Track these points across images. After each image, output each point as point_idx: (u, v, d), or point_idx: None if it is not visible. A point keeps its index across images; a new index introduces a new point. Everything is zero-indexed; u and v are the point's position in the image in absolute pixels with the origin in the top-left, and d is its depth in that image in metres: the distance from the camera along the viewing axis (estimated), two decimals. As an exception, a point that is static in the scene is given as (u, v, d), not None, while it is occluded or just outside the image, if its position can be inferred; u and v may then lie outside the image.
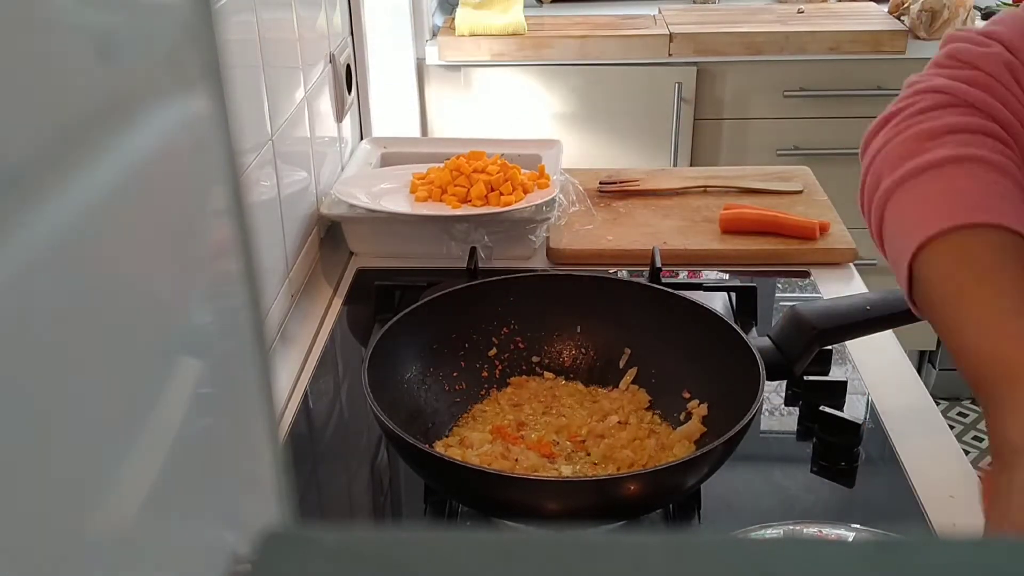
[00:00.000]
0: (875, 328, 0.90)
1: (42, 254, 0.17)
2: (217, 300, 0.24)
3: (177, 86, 0.21)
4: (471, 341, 0.92)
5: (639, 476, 0.73)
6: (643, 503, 0.74)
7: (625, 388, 0.91)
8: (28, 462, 0.16)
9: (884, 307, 0.88)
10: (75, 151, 0.18)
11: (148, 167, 0.20)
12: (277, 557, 0.23)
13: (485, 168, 1.23)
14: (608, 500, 0.71)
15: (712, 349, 0.85)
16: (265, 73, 1.03)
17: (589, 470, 0.81)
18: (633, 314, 0.92)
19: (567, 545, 0.23)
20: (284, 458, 0.27)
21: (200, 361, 0.23)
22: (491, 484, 0.71)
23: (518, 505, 0.72)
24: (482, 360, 0.92)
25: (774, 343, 0.89)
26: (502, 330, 0.94)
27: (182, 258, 0.22)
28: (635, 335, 0.92)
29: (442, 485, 0.77)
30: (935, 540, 0.26)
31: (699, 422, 0.83)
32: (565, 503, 0.71)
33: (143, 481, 0.20)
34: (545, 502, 0.72)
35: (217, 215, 0.24)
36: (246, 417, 0.26)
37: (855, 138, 2.17)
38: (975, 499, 0.83)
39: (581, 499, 0.71)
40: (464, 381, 0.91)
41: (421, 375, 0.88)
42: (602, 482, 0.73)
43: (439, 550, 0.23)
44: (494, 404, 0.90)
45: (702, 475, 0.74)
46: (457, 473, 0.71)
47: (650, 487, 0.71)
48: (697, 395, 0.86)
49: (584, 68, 2.17)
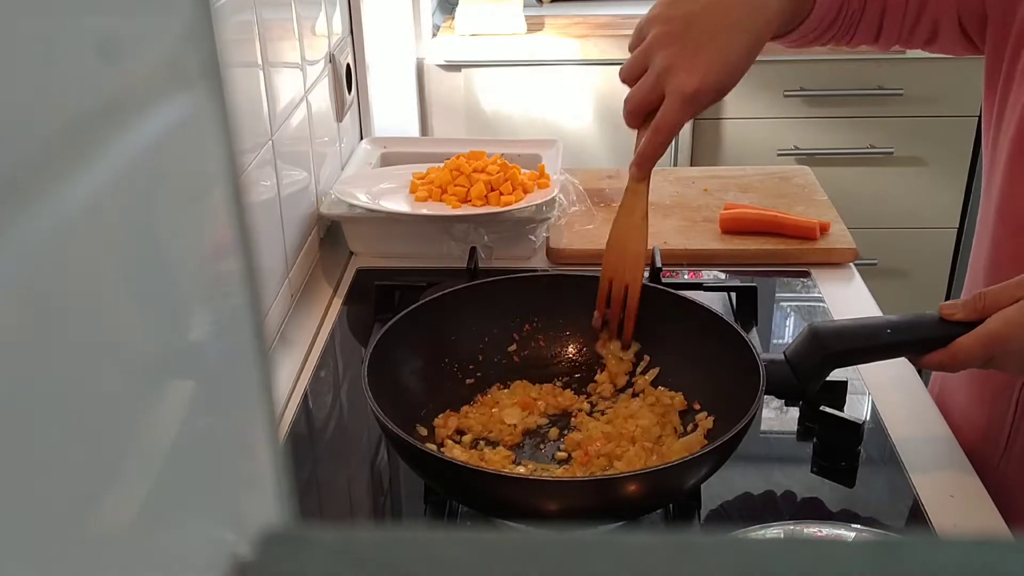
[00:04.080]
0: (893, 353, 0.84)
1: (42, 254, 0.17)
2: (217, 300, 0.24)
3: (177, 86, 0.21)
4: (476, 342, 0.92)
5: (637, 476, 0.73)
6: (641, 503, 0.74)
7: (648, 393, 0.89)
8: (28, 462, 0.16)
9: (906, 332, 0.82)
10: (74, 151, 0.18)
11: (148, 167, 0.20)
12: (277, 557, 0.23)
13: (485, 168, 1.23)
14: (606, 500, 0.71)
15: (721, 358, 0.85)
16: (265, 73, 1.03)
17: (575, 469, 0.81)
18: (646, 317, 0.90)
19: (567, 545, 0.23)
20: (284, 458, 0.27)
21: (200, 361, 0.23)
22: (489, 484, 0.71)
23: (517, 505, 0.72)
24: (487, 361, 0.92)
25: (788, 360, 0.84)
26: (511, 331, 0.93)
27: (182, 258, 0.22)
28: (651, 342, 0.91)
29: (441, 485, 0.77)
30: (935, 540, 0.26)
31: (702, 435, 0.82)
32: (564, 503, 0.71)
33: (143, 481, 0.20)
34: (544, 502, 0.72)
35: (217, 215, 0.24)
36: (246, 417, 0.26)
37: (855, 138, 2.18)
38: (975, 499, 0.83)
39: (579, 499, 0.71)
40: (470, 379, 0.91)
41: (422, 375, 0.88)
42: (601, 482, 0.73)
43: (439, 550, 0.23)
44: (495, 405, 0.89)
45: (698, 477, 0.74)
46: (456, 473, 0.71)
47: (648, 487, 0.71)
48: (707, 407, 0.85)
49: (584, 68, 2.17)
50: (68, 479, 0.18)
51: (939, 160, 2.26)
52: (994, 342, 0.75)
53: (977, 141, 2.24)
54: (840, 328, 0.85)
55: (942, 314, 0.79)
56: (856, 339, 0.84)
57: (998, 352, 0.76)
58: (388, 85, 1.78)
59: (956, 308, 0.78)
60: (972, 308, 0.77)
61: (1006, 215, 0.90)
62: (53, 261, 0.17)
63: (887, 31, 0.94)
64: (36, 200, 0.16)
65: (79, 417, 0.18)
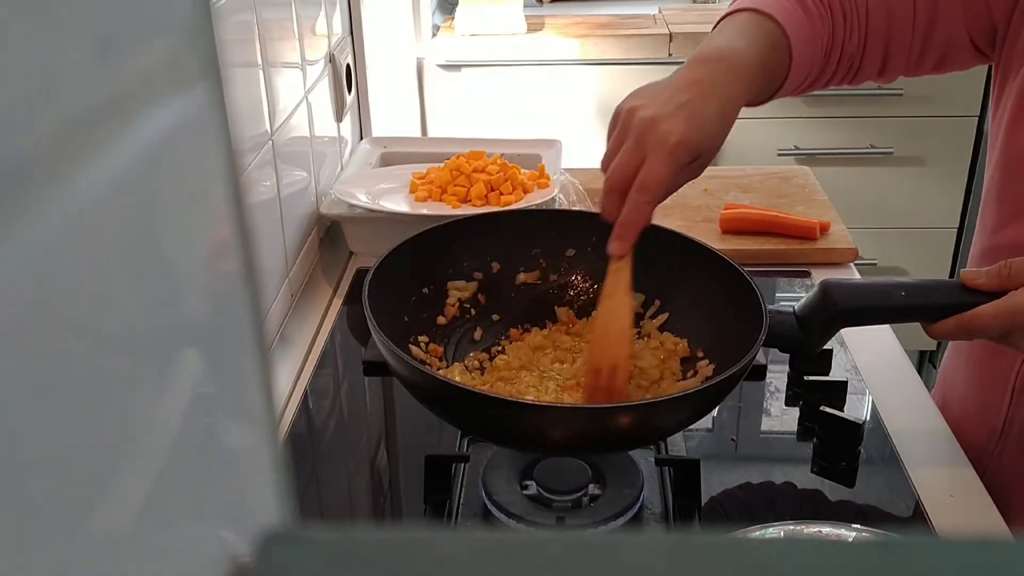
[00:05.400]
0: (905, 317, 0.81)
1: (41, 254, 0.17)
2: (217, 300, 0.24)
3: (177, 86, 0.21)
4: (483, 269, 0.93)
5: (625, 408, 0.73)
6: (626, 436, 0.74)
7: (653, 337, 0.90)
8: (27, 462, 0.16)
9: (921, 295, 0.79)
10: (74, 151, 0.18)
11: (147, 167, 0.20)
12: (277, 557, 0.23)
13: (485, 168, 1.23)
14: (594, 429, 0.72)
15: (728, 307, 0.84)
16: (265, 73, 1.03)
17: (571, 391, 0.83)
18: (660, 262, 0.89)
19: (567, 545, 0.23)
20: (284, 458, 0.27)
21: (200, 361, 0.23)
22: (481, 405, 0.71)
23: (505, 426, 0.73)
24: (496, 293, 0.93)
25: (796, 314, 0.82)
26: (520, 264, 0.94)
27: (182, 258, 0.22)
28: (663, 287, 0.90)
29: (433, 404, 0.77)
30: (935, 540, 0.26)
31: (700, 382, 0.82)
32: (552, 428, 0.72)
33: (143, 481, 0.20)
34: (535, 425, 0.72)
35: (217, 215, 0.24)
36: (246, 417, 0.26)
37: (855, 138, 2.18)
38: (975, 499, 0.83)
39: (566, 426, 0.72)
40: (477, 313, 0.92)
41: (421, 302, 0.90)
42: (589, 411, 0.74)
43: (439, 550, 0.23)
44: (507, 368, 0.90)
45: (681, 418, 0.74)
46: (447, 391, 0.72)
47: (633, 421, 0.72)
48: (709, 355, 0.85)
49: (584, 68, 2.17)
50: (68, 479, 0.18)
51: (939, 160, 2.26)
52: (1016, 315, 0.73)
53: (977, 141, 2.24)
54: (853, 286, 0.83)
55: (963, 279, 0.77)
56: (867, 298, 0.81)
57: (1018, 326, 0.73)
58: (388, 85, 1.78)
59: (979, 275, 0.76)
60: (996, 276, 0.75)
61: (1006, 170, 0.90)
62: (52, 262, 0.17)
63: (893, 62, 0.94)
64: (35, 200, 0.16)
65: (79, 417, 0.18)
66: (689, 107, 0.79)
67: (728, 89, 0.82)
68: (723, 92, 0.82)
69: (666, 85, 0.82)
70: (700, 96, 0.80)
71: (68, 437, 0.18)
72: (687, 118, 0.78)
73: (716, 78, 0.82)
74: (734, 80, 0.83)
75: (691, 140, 0.78)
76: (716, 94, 0.81)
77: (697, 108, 0.79)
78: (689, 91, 0.80)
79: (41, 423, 0.17)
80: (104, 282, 0.19)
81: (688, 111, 0.78)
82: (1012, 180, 0.89)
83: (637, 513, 0.79)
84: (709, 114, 0.80)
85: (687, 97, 0.79)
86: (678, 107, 0.78)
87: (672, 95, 0.80)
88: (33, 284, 0.16)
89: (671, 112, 0.78)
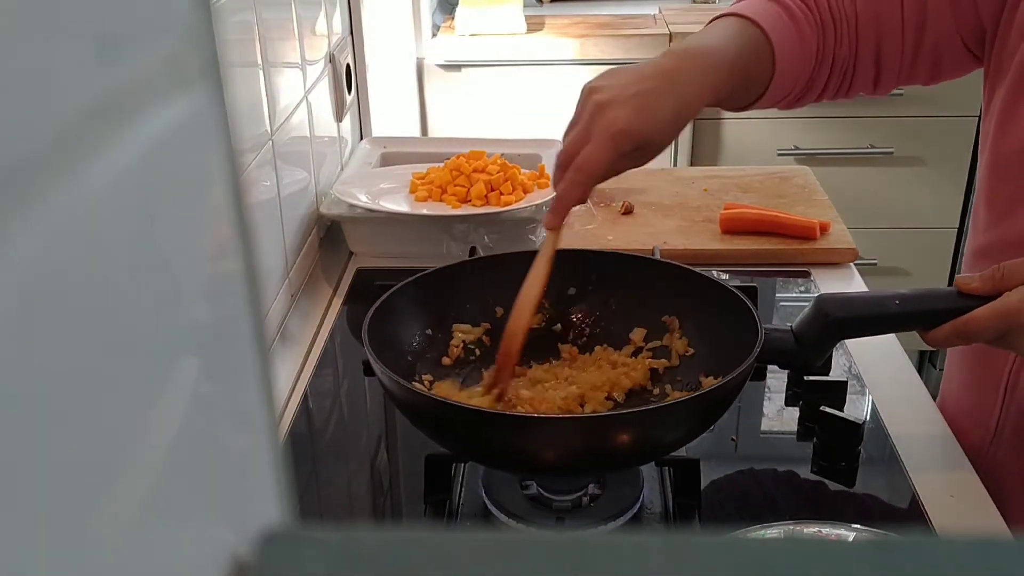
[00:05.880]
0: (901, 326, 0.82)
1: (41, 254, 0.17)
2: (217, 300, 0.24)
3: (177, 86, 0.21)
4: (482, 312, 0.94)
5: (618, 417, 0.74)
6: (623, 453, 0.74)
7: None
8: (27, 462, 0.16)
9: (915, 303, 0.79)
10: (74, 151, 0.18)
11: (147, 167, 0.20)
12: (277, 557, 0.23)
13: (485, 168, 1.23)
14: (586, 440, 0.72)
15: (726, 327, 0.85)
16: (265, 73, 1.03)
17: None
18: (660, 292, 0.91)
19: (567, 545, 0.23)
20: (284, 458, 0.27)
21: (200, 361, 0.23)
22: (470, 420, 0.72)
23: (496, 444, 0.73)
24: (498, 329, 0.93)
25: (793, 332, 0.83)
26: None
27: (182, 258, 0.22)
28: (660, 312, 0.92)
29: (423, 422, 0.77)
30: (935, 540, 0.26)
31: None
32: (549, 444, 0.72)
33: (143, 481, 0.20)
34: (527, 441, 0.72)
35: (217, 215, 0.24)
36: (246, 417, 0.26)
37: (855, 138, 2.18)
38: (975, 499, 0.83)
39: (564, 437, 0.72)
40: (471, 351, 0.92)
41: (423, 341, 0.90)
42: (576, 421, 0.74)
43: (439, 550, 0.23)
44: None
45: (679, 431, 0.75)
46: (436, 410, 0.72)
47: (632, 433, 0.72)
48: (712, 374, 0.86)
49: (584, 68, 2.17)
50: (68, 478, 0.18)
51: (939, 160, 2.26)
52: (1010, 316, 0.73)
53: (977, 141, 2.24)
54: (847, 298, 0.84)
55: (957, 285, 0.77)
56: (862, 308, 0.81)
57: (1013, 327, 0.74)
58: (388, 85, 1.78)
59: (972, 279, 0.76)
60: (989, 279, 0.75)
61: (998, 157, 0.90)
62: (51, 261, 0.17)
63: (887, 70, 0.94)
64: (35, 201, 0.16)
65: (78, 416, 0.18)
66: (644, 97, 0.80)
67: (693, 84, 0.83)
68: (687, 87, 0.83)
69: (634, 71, 0.83)
70: (660, 88, 0.81)
71: (68, 437, 0.18)
72: (638, 107, 0.79)
73: (684, 71, 0.83)
74: (703, 75, 0.84)
75: (636, 131, 0.79)
76: (678, 88, 0.82)
77: (653, 99, 0.80)
78: (652, 81, 0.82)
79: (40, 423, 0.17)
80: (104, 282, 0.19)
81: (641, 100, 0.80)
82: (1001, 181, 0.89)
83: (637, 513, 0.79)
84: (663, 107, 0.81)
85: (647, 87, 0.81)
86: (633, 95, 0.80)
87: (633, 82, 0.81)
88: (33, 284, 0.16)
89: (624, 99, 0.80)
